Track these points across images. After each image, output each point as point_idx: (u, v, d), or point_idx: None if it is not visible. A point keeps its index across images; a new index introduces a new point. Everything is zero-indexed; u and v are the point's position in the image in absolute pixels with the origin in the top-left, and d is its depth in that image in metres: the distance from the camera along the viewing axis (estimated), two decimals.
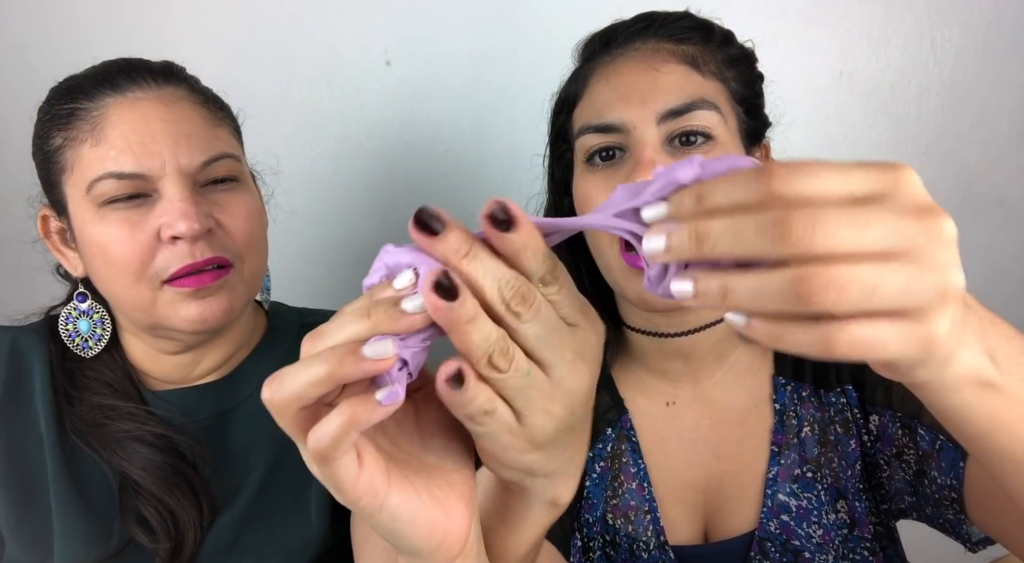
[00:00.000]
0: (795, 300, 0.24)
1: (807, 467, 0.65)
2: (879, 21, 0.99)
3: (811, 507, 0.64)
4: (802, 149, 1.03)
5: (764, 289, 0.25)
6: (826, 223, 0.24)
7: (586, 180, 0.63)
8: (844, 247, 0.24)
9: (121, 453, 0.65)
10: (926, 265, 0.25)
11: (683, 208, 0.27)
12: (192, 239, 0.61)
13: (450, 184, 1.09)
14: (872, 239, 0.24)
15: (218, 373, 0.72)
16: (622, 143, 0.61)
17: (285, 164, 0.97)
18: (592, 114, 0.63)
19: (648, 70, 0.61)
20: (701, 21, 0.65)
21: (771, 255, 0.25)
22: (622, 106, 0.60)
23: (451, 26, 1.03)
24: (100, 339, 0.69)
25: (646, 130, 0.59)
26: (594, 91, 0.64)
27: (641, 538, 0.66)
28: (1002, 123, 1.01)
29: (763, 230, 0.24)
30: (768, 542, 0.64)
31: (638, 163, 0.58)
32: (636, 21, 0.65)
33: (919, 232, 0.25)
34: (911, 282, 0.25)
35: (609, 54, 0.65)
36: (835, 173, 0.25)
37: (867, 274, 0.24)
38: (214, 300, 0.63)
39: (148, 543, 0.62)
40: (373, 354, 0.28)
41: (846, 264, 0.24)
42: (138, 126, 0.61)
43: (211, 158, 0.63)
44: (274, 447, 0.70)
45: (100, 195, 0.60)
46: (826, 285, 0.24)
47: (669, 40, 0.63)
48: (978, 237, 1.05)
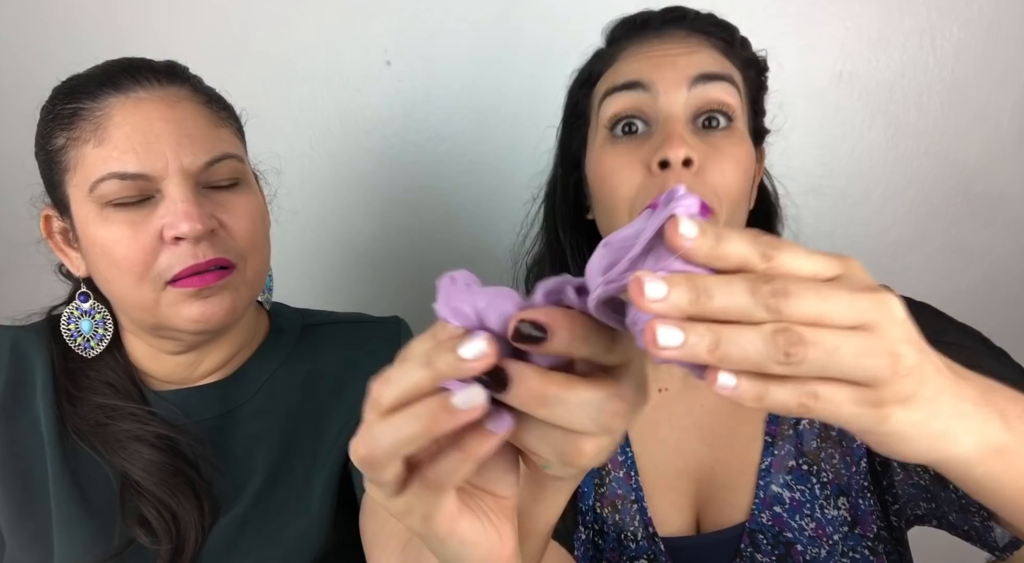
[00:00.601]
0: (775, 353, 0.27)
1: (803, 459, 0.65)
2: (879, 21, 0.99)
3: (804, 500, 0.64)
4: (802, 149, 1.03)
5: (750, 342, 0.27)
6: (803, 293, 0.27)
7: (607, 154, 0.62)
8: (812, 315, 0.27)
9: (122, 453, 0.65)
10: (880, 337, 0.28)
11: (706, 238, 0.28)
12: (195, 240, 0.61)
13: (450, 184, 1.09)
14: (835, 310, 0.27)
15: (220, 373, 0.72)
16: (648, 112, 0.60)
17: (285, 164, 0.97)
18: (620, 76, 0.63)
19: (683, 48, 0.62)
20: (725, 22, 0.66)
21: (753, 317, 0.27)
22: (654, 70, 0.61)
23: (451, 27, 1.03)
24: (102, 339, 0.69)
25: (676, 99, 0.59)
26: (623, 63, 0.64)
27: (628, 528, 0.66)
28: (1002, 123, 1.01)
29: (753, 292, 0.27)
30: (760, 534, 0.63)
31: (669, 136, 0.57)
32: (668, 12, 0.66)
33: (872, 308, 0.28)
34: (865, 352, 0.27)
35: (641, 36, 0.65)
36: (805, 253, 0.29)
37: (831, 337, 0.27)
38: (216, 300, 0.63)
39: (149, 544, 0.62)
40: (464, 404, 0.29)
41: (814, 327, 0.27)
42: (141, 126, 0.61)
43: (214, 159, 0.63)
44: (277, 448, 0.70)
45: (103, 195, 0.60)
46: (799, 341, 0.27)
47: (699, 32, 0.64)
48: (978, 237, 1.05)
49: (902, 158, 1.03)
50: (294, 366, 0.75)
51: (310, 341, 0.77)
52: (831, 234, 1.06)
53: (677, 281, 0.27)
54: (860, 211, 1.06)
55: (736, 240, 0.28)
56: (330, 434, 0.71)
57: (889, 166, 1.04)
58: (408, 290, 1.14)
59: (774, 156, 0.75)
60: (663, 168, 0.58)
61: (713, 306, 0.27)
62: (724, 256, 0.28)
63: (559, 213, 0.72)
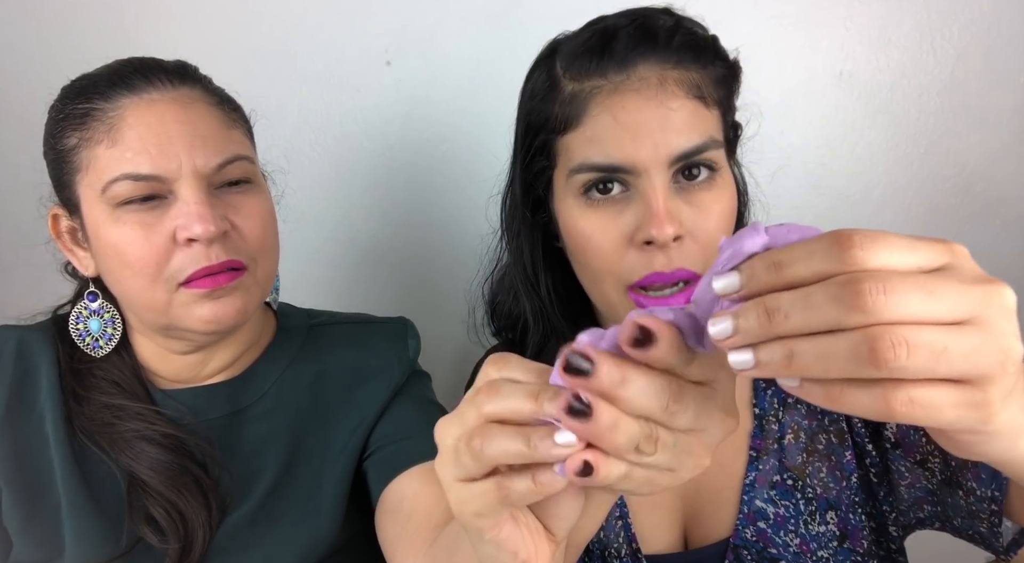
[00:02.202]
0: (864, 362, 0.24)
1: (787, 474, 0.64)
2: (879, 21, 0.99)
3: (789, 515, 0.63)
4: (802, 149, 1.03)
5: (832, 352, 0.25)
6: (900, 290, 0.24)
7: (584, 217, 0.59)
8: (915, 314, 0.24)
9: (129, 453, 0.65)
10: (991, 333, 0.25)
11: (757, 276, 0.27)
12: (208, 242, 0.61)
13: (450, 184, 1.09)
14: (942, 307, 0.25)
15: (227, 373, 0.73)
16: (624, 177, 0.57)
17: (285, 164, 0.97)
18: (594, 151, 0.58)
19: (658, 107, 0.56)
20: (694, 36, 0.60)
21: (843, 324, 0.25)
22: (632, 147, 0.56)
23: (451, 26, 1.03)
24: (111, 339, 0.69)
25: (657, 175, 0.56)
26: (597, 123, 0.58)
27: (612, 545, 0.65)
28: (1002, 123, 1.01)
29: (836, 299, 0.25)
30: (744, 550, 0.63)
31: (654, 213, 0.55)
32: (636, 39, 0.58)
33: (983, 300, 0.25)
34: (978, 347, 0.25)
35: (608, 79, 0.58)
36: (905, 244, 0.26)
37: (937, 336, 0.24)
38: (228, 301, 0.63)
39: (157, 543, 0.63)
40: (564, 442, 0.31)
41: (916, 326, 0.24)
42: (155, 128, 0.61)
43: (226, 160, 0.64)
44: (286, 448, 0.71)
45: (115, 196, 0.61)
46: (896, 344, 0.24)
47: (672, 65, 0.58)
48: (978, 237, 1.05)
49: (902, 158, 1.04)
50: (302, 367, 0.75)
51: (317, 342, 0.78)
52: None
53: (745, 310, 0.26)
54: (860, 211, 1.06)
55: (802, 258, 0.26)
56: (340, 435, 0.72)
57: (889, 166, 1.04)
58: (408, 290, 1.14)
59: (773, 156, 0.75)
60: (649, 244, 0.56)
61: (792, 325, 0.25)
62: (794, 279, 0.26)
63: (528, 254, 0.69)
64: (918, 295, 0.24)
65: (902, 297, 0.24)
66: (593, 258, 0.59)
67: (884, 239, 0.26)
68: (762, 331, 0.26)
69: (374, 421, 0.72)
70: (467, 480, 0.34)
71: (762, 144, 0.72)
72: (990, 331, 0.25)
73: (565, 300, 0.69)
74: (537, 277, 0.69)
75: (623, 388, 0.30)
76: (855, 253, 0.25)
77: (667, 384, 0.30)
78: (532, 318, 0.70)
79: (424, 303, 1.12)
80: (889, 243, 0.26)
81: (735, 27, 0.67)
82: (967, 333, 0.25)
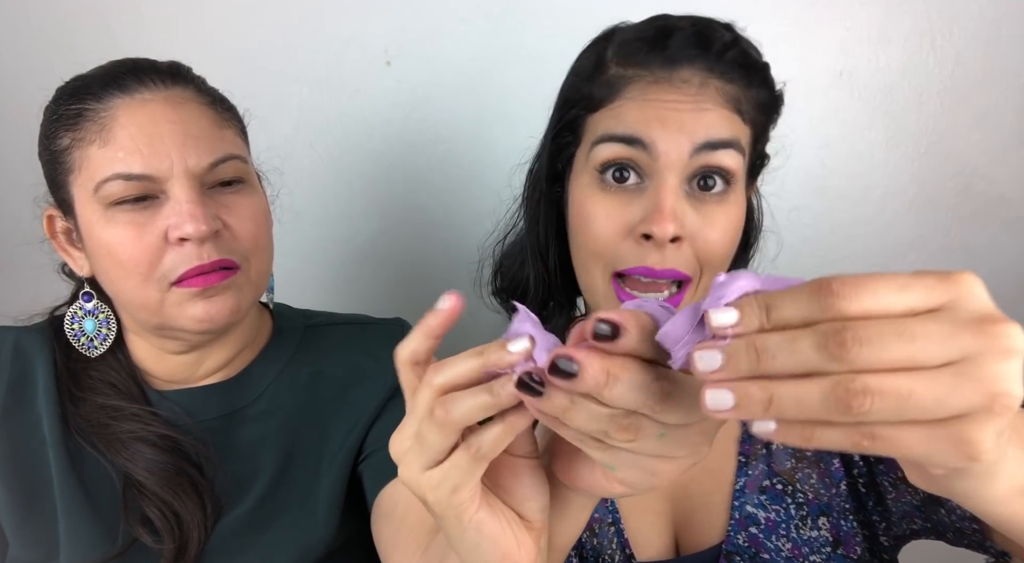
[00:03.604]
0: (834, 408, 0.25)
1: (777, 479, 0.64)
2: (879, 21, 0.99)
3: (779, 519, 0.63)
4: (802, 149, 1.03)
5: (807, 397, 0.25)
6: (880, 340, 0.25)
7: (594, 198, 0.59)
8: (894, 361, 0.25)
9: (125, 453, 0.65)
10: (975, 376, 0.25)
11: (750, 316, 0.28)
12: (200, 241, 0.61)
13: (450, 184, 1.09)
14: (923, 353, 0.25)
15: (223, 373, 0.72)
16: (642, 164, 0.57)
17: (285, 164, 0.97)
18: (618, 124, 0.58)
19: (693, 105, 0.56)
20: (749, 57, 0.60)
21: (824, 370, 0.25)
22: (658, 127, 0.56)
23: (451, 26, 1.03)
24: (106, 339, 0.69)
25: (676, 162, 0.55)
26: (627, 105, 0.58)
27: (606, 551, 0.65)
28: (1002, 123, 1.01)
29: (819, 346, 0.25)
30: (736, 555, 0.62)
31: (659, 209, 0.55)
32: (693, 41, 0.58)
33: (975, 343, 0.25)
34: (951, 392, 0.25)
35: (651, 71, 0.58)
36: (895, 288, 0.26)
37: (903, 382, 0.25)
38: (220, 300, 0.63)
39: (152, 543, 0.63)
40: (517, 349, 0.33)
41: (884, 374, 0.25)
42: (146, 127, 0.61)
43: (218, 159, 0.64)
44: (283, 449, 0.70)
45: (107, 196, 0.61)
46: (864, 392, 0.24)
47: (717, 75, 0.57)
48: (978, 237, 1.05)
49: (902, 158, 1.03)
50: (298, 368, 0.75)
51: (313, 342, 0.77)
52: (831, 234, 1.06)
53: (735, 348, 0.27)
54: (860, 211, 1.06)
55: (790, 303, 0.27)
56: (336, 437, 0.72)
57: (889, 166, 1.04)
58: (408, 290, 1.14)
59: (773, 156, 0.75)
60: (647, 239, 0.56)
61: (776, 366, 0.26)
62: (781, 323, 0.27)
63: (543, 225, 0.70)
64: (897, 344, 0.25)
65: (879, 346, 0.25)
66: (591, 239, 0.60)
67: (868, 285, 0.26)
68: (749, 368, 0.27)
69: (369, 423, 0.72)
70: (436, 462, 0.35)
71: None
72: (974, 374, 0.25)
73: (569, 275, 0.69)
74: (547, 247, 0.69)
75: (610, 390, 0.30)
76: (834, 302, 0.26)
77: (652, 382, 0.30)
78: (534, 285, 0.70)
79: (423, 303, 1.12)
80: (874, 289, 0.26)
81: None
82: (942, 377, 0.25)
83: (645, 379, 0.30)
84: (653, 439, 0.31)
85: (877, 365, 0.25)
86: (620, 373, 0.30)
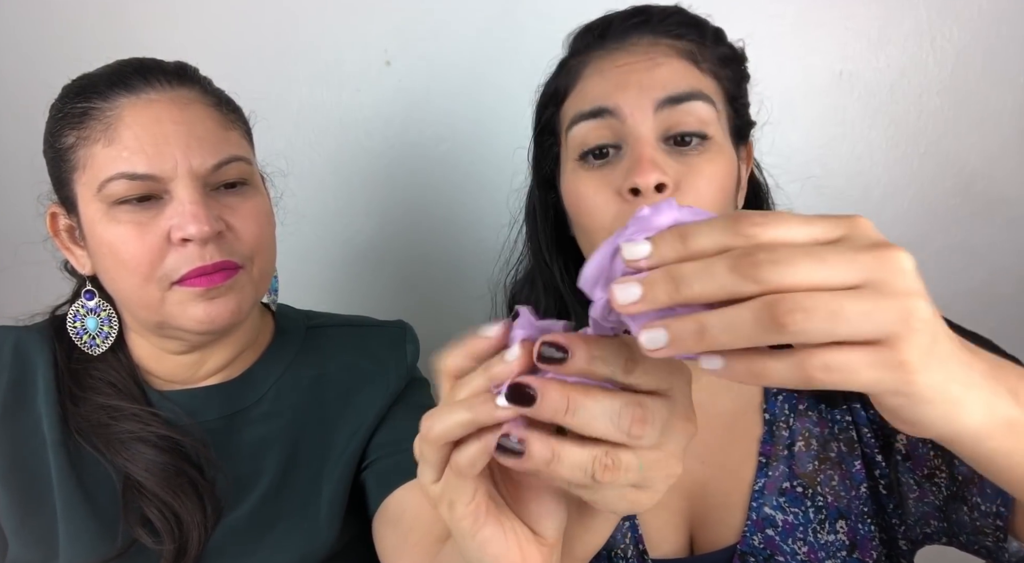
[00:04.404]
0: (766, 327, 0.26)
1: (797, 481, 0.64)
2: (879, 21, 0.99)
3: (798, 523, 0.62)
4: (802, 149, 1.03)
5: (738, 322, 0.26)
6: (790, 259, 0.26)
7: (580, 179, 0.61)
8: (806, 281, 0.26)
9: (125, 454, 0.65)
10: (887, 293, 0.26)
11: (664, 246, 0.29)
12: (202, 242, 0.61)
13: (450, 184, 1.09)
14: (832, 272, 0.26)
15: (224, 374, 0.72)
16: (616, 136, 0.59)
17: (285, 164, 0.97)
18: (584, 102, 0.61)
19: (646, 61, 0.59)
20: (694, 17, 0.64)
21: (740, 292, 0.26)
22: (618, 92, 0.58)
23: (451, 26, 1.03)
24: (108, 336, 0.69)
25: (643, 120, 0.57)
26: (588, 83, 0.62)
27: (619, 546, 0.65)
28: (1002, 123, 1.01)
29: (733, 268, 0.26)
30: (751, 556, 0.62)
31: (637, 161, 0.56)
32: (631, 15, 0.63)
33: (876, 265, 0.27)
34: (873, 308, 0.26)
35: (604, 47, 0.62)
36: (799, 220, 0.28)
37: (831, 300, 0.26)
38: (222, 301, 0.63)
39: (152, 544, 0.63)
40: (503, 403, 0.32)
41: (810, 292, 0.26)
42: (151, 127, 0.61)
43: (222, 161, 0.64)
44: (285, 450, 0.70)
45: (111, 195, 0.61)
46: (792, 309, 0.25)
47: (666, 35, 0.61)
48: (978, 237, 1.05)
49: (902, 158, 1.03)
50: (301, 370, 0.75)
51: (315, 343, 0.77)
52: None
53: (652, 278, 0.28)
54: (860, 211, 1.05)
55: (706, 232, 0.28)
56: (339, 439, 0.72)
57: (889, 166, 1.04)
58: (408, 290, 1.14)
59: (773, 155, 0.75)
60: (635, 195, 0.56)
61: (694, 292, 0.27)
62: (698, 252, 0.28)
63: (543, 234, 0.71)
64: (807, 262, 0.26)
65: (792, 266, 0.26)
66: (586, 215, 0.61)
67: (779, 217, 0.28)
68: (667, 297, 0.27)
69: (373, 428, 0.72)
70: (437, 476, 0.36)
71: (761, 144, 0.72)
72: (886, 292, 0.26)
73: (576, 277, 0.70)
74: (551, 254, 0.71)
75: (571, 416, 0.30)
76: (751, 228, 0.27)
77: (625, 406, 0.31)
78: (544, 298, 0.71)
79: (424, 303, 1.12)
80: (784, 220, 0.28)
81: (734, 27, 0.67)
82: (862, 296, 0.26)
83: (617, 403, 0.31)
84: (635, 472, 0.32)
85: (791, 285, 0.26)
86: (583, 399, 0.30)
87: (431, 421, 0.34)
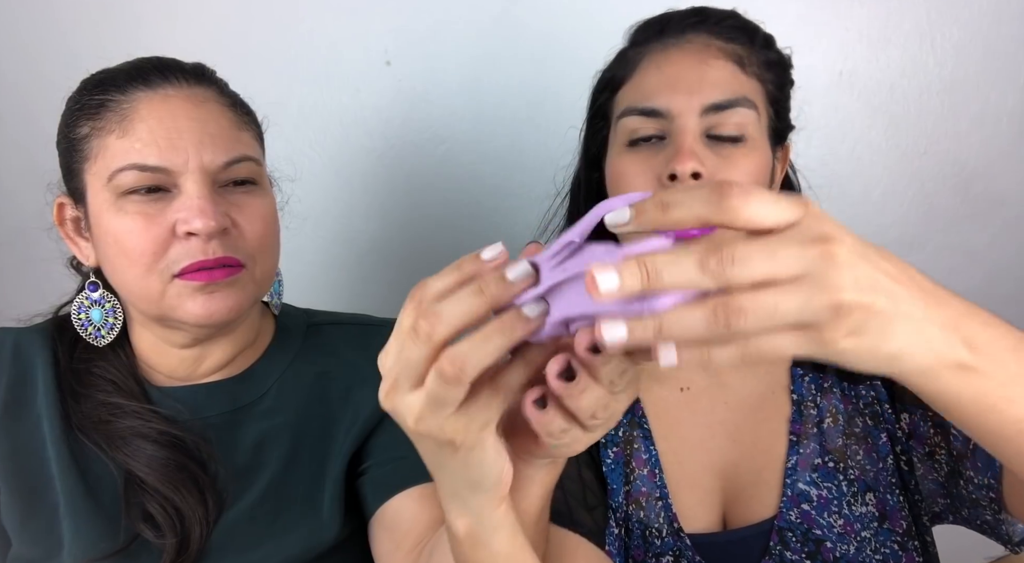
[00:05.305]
0: (715, 327, 0.30)
1: (828, 457, 0.66)
2: (879, 21, 0.99)
3: (832, 496, 0.65)
4: (802, 149, 1.03)
5: (692, 320, 0.30)
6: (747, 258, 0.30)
7: (624, 159, 0.65)
8: (758, 276, 0.30)
9: (126, 450, 0.65)
10: (820, 288, 0.30)
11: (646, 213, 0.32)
12: (207, 236, 0.62)
13: (450, 184, 1.09)
14: (779, 266, 0.30)
15: (225, 371, 0.73)
16: (663, 130, 0.63)
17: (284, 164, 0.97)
18: (638, 97, 0.65)
19: (698, 63, 0.63)
20: (747, 22, 0.68)
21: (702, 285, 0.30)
22: (669, 93, 0.63)
23: (451, 26, 1.03)
24: (112, 328, 0.70)
25: (689, 119, 0.62)
26: (643, 75, 0.66)
27: (653, 524, 0.67)
28: (1002, 123, 1.01)
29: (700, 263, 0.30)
30: (789, 531, 0.64)
31: (678, 150, 0.60)
32: (690, 14, 0.67)
33: (815, 259, 0.30)
34: (806, 303, 0.30)
35: (661, 42, 0.67)
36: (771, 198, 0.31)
37: (770, 298, 0.30)
38: (221, 296, 0.64)
39: (154, 539, 0.63)
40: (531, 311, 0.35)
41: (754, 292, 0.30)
42: (166, 122, 0.62)
43: (233, 159, 0.64)
44: (287, 446, 0.71)
45: (120, 185, 0.61)
46: (738, 310, 0.30)
47: (719, 37, 0.65)
48: (978, 237, 1.05)
49: (902, 158, 1.04)
50: (302, 367, 0.75)
51: (315, 341, 0.78)
52: None
53: (628, 266, 0.30)
54: (860, 211, 1.06)
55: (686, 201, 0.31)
56: (339, 436, 0.72)
57: (889, 166, 1.04)
58: (408, 289, 1.14)
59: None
60: (672, 180, 0.60)
61: (664, 283, 0.30)
62: (677, 222, 0.31)
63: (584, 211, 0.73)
64: (761, 259, 0.30)
65: (749, 264, 0.30)
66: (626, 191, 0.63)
67: (756, 192, 0.31)
68: (641, 286, 0.30)
69: (370, 428, 0.73)
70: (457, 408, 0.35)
71: None
72: (819, 286, 0.30)
73: None
74: None
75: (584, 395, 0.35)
76: (731, 202, 0.30)
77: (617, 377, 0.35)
78: None
79: None
80: (760, 197, 0.31)
81: None
82: (799, 289, 0.30)
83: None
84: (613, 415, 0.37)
85: (745, 282, 0.30)
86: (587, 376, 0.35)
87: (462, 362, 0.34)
